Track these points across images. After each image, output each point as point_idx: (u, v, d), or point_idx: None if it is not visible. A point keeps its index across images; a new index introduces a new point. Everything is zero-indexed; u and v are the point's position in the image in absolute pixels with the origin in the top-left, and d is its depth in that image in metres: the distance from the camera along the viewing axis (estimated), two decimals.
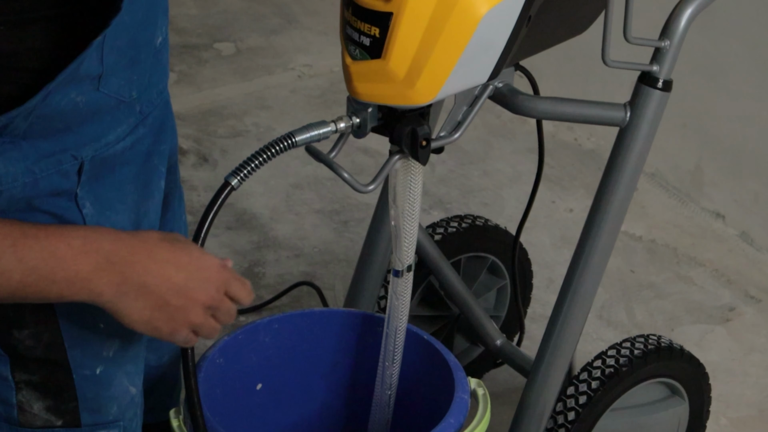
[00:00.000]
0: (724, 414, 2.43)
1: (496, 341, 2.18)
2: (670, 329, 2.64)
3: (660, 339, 2.05)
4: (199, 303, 1.33)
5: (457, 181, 3.07)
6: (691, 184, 3.04)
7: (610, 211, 1.82)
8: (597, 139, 3.25)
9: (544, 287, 2.68)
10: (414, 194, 1.64)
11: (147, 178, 1.51)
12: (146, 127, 1.48)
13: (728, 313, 2.71)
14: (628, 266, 2.82)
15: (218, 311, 1.36)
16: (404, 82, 1.49)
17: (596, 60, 1.74)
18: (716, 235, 2.95)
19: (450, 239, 2.22)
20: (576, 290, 1.86)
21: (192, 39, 3.65)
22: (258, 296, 2.63)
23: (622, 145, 1.80)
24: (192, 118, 3.22)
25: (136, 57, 1.38)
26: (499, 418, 2.13)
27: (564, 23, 1.73)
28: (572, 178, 3.11)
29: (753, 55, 2.84)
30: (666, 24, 1.76)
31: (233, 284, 1.37)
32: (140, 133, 1.46)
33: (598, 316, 2.65)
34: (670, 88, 1.78)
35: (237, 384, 1.81)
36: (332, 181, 2.99)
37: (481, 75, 1.56)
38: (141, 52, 1.39)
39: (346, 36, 1.51)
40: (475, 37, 1.47)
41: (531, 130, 3.18)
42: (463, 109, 1.64)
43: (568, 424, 1.96)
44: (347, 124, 1.55)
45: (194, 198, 2.91)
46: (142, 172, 1.49)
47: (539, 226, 2.90)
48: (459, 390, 1.70)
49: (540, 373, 1.91)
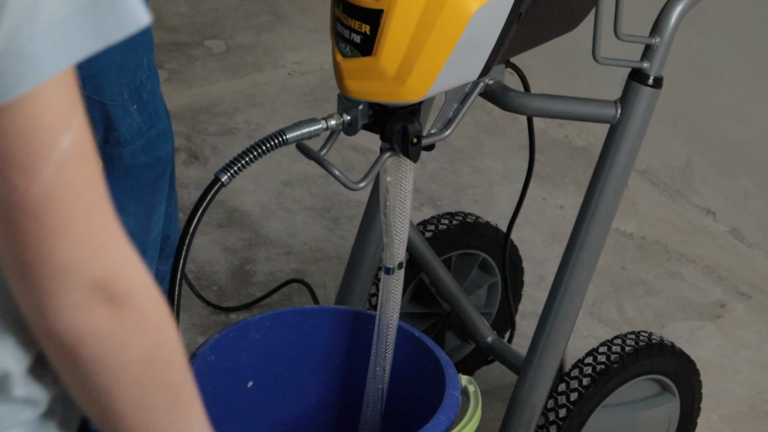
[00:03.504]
0: (715, 410, 2.44)
1: (487, 338, 2.18)
2: (661, 326, 2.65)
3: (651, 336, 2.05)
4: None
5: (448, 178, 3.07)
6: (682, 180, 3.04)
7: (601, 207, 1.82)
8: (588, 136, 3.25)
9: (534, 284, 2.68)
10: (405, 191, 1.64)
11: (159, 185, 1.50)
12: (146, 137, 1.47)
13: (719, 309, 2.71)
14: (619, 263, 2.82)
15: None
16: (395, 80, 1.49)
17: (587, 57, 1.74)
18: (707, 231, 2.95)
19: (441, 236, 2.22)
20: (567, 287, 1.86)
21: (182, 37, 3.65)
22: (249, 294, 2.63)
23: (612, 142, 1.80)
24: (182, 116, 3.21)
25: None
26: (490, 415, 2.13)
27: (554, 20, 1.73)
28: (563, 175, 3.11)
29: (744, 52, 2.84)
30: (656, 21, 1.76)
31: None
32: (151, 136, 1.45)
33: (589, 312, 2.66)
34: (660, 85, 1.78)
35: (228, 381, 1.81)
36: (323, 178, 2.99)
37: (471, 72, 1.56)
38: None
39: (337, 33, 1.51)
40: (466, 35, 1.47)
41: (522, 127, 3.18)
42: (454, 106, 1.65)
43: (560, 421, 1.96)
44: (338, 122, 1.55)
45: (185, 195, 2.91)
46: (155, 178, 1.49)
47: (530, 223, 2.90)
48: (450, 387, 1.70)
49: (531, 370, 1.91)
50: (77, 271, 0.89)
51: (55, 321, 0.90)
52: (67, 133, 0.87)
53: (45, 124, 0.86)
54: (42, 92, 0.85)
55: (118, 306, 0.91)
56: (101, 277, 0.90)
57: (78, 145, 0.88)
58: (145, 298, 0.93)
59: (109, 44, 0.88)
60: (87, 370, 0.93)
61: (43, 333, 0.92)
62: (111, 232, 0.91)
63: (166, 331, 0.96)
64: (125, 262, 0.92)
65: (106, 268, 0.90)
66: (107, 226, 0.91)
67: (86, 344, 0.91)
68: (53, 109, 0.86)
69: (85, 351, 0.92)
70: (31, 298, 0.91)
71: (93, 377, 0.94)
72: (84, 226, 0.89)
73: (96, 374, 0.93)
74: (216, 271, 2.69)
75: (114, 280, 0.91)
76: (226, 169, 1.46)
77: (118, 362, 0.93)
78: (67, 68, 0.87)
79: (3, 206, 0.87)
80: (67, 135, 0.87)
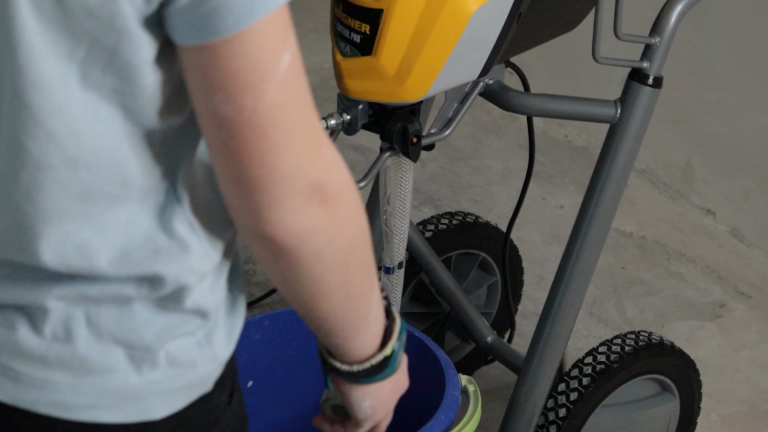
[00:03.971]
0: (715, 410, 2.44)
1: (487, 338, 2.18)
2: (661, 326, 2.65)
3: (650, 335, 2.05)
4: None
5: (448, 178, 3.06)
6: (682, 180, 3.04)
7: (601, 207, 1.82)
8: (588, 136, 3.25)
9: (534, 284, 2.68)
10: (405, 191, 1.64)
11: None
12: None
13: (719, 309, 2.71)
14: (619, 263, 2.82)
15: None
16: (395, 79, 1.49)
17: (587, 57, 1.74)
18: (707, 231, 2.95)
19: (441, 236, 2.22)
20: (567, 287, 1.86)
21: None
22: (249, 294, 2.63)
23: (612, 141, 1.80)
24: None
25: None
26: (490, 415, 2.13)
27: (554, 20, 1.73)
28: (563, 175, 3.11)
29: (743, 52, 2.84)
30: (656, 20, 1.76)
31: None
32: None
33: (589, 312, 2.66)
34: (660, 85, 1.78)
35: None
36: None
37: (471, 72, 1.56)
38: None
39: (337, 33, 1.51)
40: (466, 34, 1.47)
41: (521, 126, 3.18)
42: (454, 105, 1.65)
43: (559, 421, 1.96)
44: (338, 121, 1.55)
45: None
46: None
47: (530, 222, 2.90)
48: (450, 387, 1.70)
49: (531, 369, 1.91)
50: (299, 177, 0.98)
51: (278, 226, 0.99)
52: (287, 53, 0.95)
53: (269, 47, 0.94)
54: (268, 20, 0.94)
55: (331, 203, 1.00)
56: (318, 180, 0.99)
57: (294, 62, 0.96)
58: (349, 191, 1.03)
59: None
60: (304, 263, 1.02)
61: (263, 240, 1.00)
62: (322, 137, 1.00)
63: (362, 216, 1.06)
64: (334, 162, 1.01)
65: (321, 171, 0.99)
66: (320, 133, 0.99)
67: (306, 242, 1.00)
68: (275, 32, 0.95)
69: (304, 248, 1.01)
70: (253, 210, 0.98)
71: (308, 269, 1.03)
72: (303, 135, 0.98)
73: (311, 266, 1.03)
74: None
75: (328, 180, 1.00)
76: None
77: (332, 252, 1.03)
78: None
79: (233, 127, 0.95)
80: (287, 54, 0.95)
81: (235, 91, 0.94)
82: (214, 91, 0.95)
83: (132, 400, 1.05)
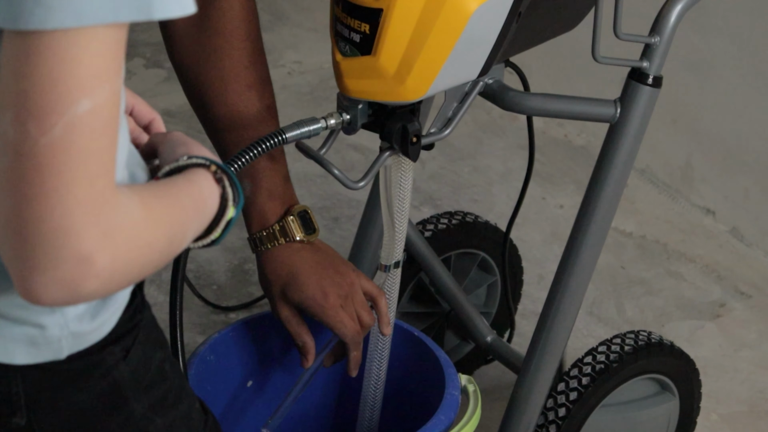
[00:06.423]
0: (715, 410, 2.44)
1: (487, 338, 2.18)
2: (661, 325, 2.65)
3: (650, 335, 2.05)
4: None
5: (447, 177, 3.06)
6: (682, 180, 3.04)
7: (601, 207, 1.82)
8: (587, 136, 3.25)
9: (534, 283, 2.68)
10: (404, 191, 1.64)
11: None
12: None
13: (718, 308, 2.71)
14: (619, 262, 2.82)
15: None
16: (394, 79, 1.49)
17: (586, 56, 1.74)
18: (706, 231, 2.95)
19: (440, 236, 2.22)
20: (566, 286, 1.86)
21: None
22: (248, 293, 2.63)
23: (612, 141, 1.80)
24: (182, 115, 3.21)
25: None
26: (490, 415, 2.13)
27: (554, 19, 1.73)
28: (563, 175, 3.11)
29: (743, 51, 2.84)
30: (656, 20, 1.76)
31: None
32: None
33: (589, 312, 2.66)
34: (660, 84, 1.78)
35: (227, 381, 1.80)
36: (322, 177, 2.99)
37: (471, 71, 1.56)
38: None
39: (336, 32, 1.51)
40: (466, 34, 1.47)
41: (521, 126, 3.18)
42: (454, 105, 1.64)
43: (559, 421, 1.96)
44: (337, 121, 1.55)
45: None
46: None
47: (529, 222, 2.90)
48: (449, 386, 1.70)
49: (530, 369, 1.91)
50: (68, 241, 0.89)
51: (41, 295, 0.91)
52: (87, 99, 0.87)
53: (71, 77, 0.86)
54: (78, 39, 0.85)
55: (103, 276, 0.91)
56: (88, 252, 0.89)
57: (95, 116, 0.87)
58: (124, 265, 0.93)
59: (151, 19, 0.89)
60: (110, 287, 0.95)
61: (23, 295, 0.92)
62: (111, 206, 0.90)
63: (162, 229, 0.97)
64: (117, 232, 0.91)
65: (95, 242, 0.89)
66: (108, 201, 0.90)
67: (82, 299, 0.92)
68: (84, 64, 0.86)
69: (84, 299, 0.93)
70: (16, 268, 0.90)
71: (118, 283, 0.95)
72: (84, 195, 0.88)
73: (121, 283, 0.95)
74: (215, 271, 2.69)
75: (99, 255, 0.90)
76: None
77: (141, 259, 0.95)
78: (107, 27, 0.86)
79: (13, 154, 0.87)
80: (86, 101, 0.87)
81: (23, 112, 0.86)
82: (4, 107, 0.87)
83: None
